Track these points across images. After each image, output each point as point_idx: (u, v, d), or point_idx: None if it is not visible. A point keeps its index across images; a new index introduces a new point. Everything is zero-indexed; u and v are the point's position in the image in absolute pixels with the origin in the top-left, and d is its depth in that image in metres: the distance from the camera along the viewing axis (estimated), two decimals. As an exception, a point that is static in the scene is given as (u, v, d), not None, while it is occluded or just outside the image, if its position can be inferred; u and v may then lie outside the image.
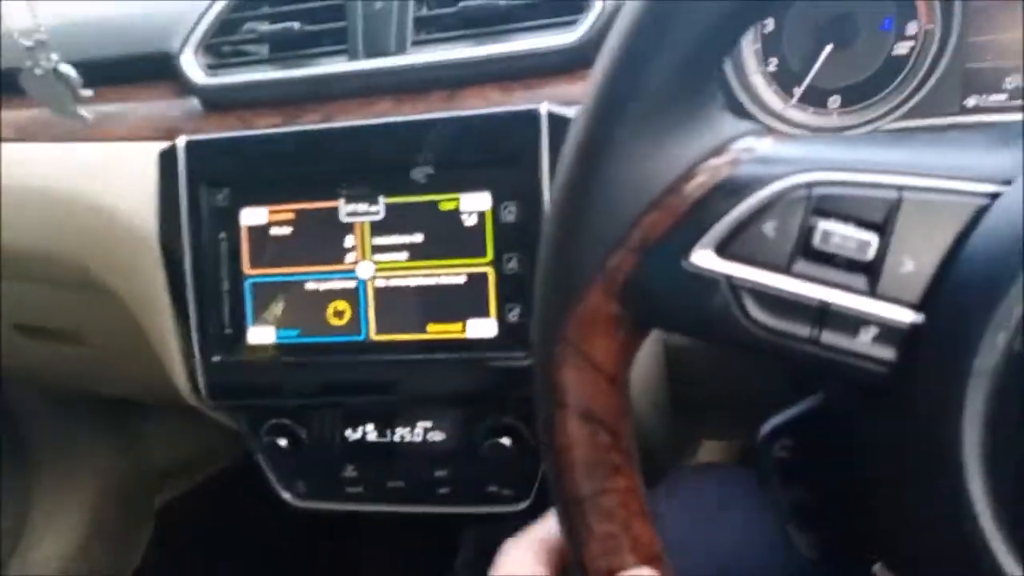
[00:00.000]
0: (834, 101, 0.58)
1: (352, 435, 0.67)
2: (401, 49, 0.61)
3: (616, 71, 0.32)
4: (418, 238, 0.60)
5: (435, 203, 0.59)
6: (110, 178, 0.67)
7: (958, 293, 0.28)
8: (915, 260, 0.29)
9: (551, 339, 0.34)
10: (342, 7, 0.62)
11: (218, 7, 0.65)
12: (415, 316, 0.61)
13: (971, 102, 0.57)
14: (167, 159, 0.63)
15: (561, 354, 0.34)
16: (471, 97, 0.61)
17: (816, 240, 0.30)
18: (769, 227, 0.31)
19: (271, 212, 0.61)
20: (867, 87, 0.57)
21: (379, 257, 0.61)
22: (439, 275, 0.60)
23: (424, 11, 0.62)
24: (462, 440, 0.64)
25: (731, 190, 0.31)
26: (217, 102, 0.65)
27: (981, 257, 0.28)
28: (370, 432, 0.67)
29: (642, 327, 0.35)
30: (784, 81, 0.58)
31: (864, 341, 0.29)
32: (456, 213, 0.59)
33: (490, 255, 0.58)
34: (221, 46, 0.66)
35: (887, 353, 0.29)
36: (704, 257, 0.31)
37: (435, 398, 0.63)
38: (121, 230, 0.66)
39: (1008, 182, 0.29)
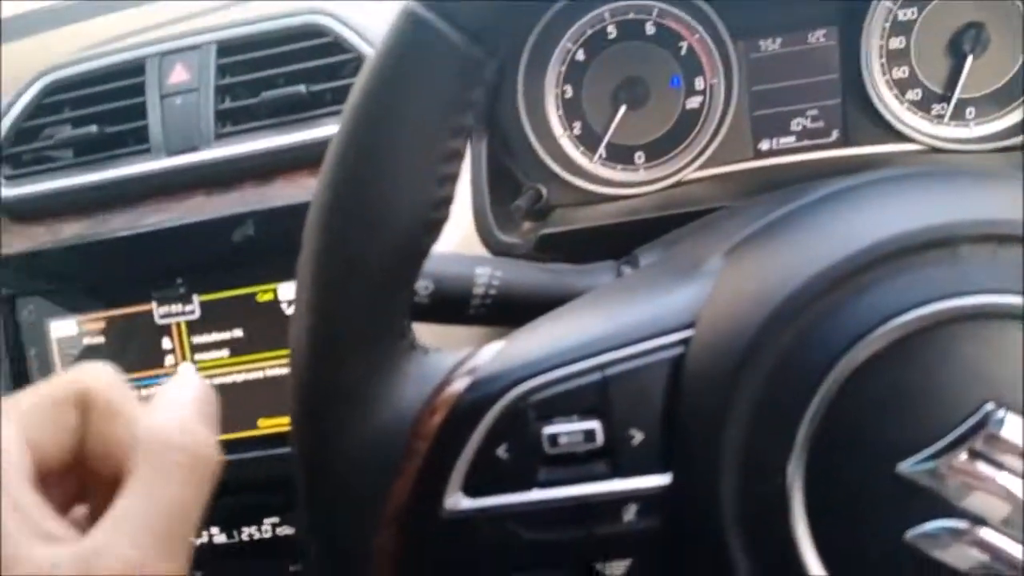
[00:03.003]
0: (639, 157, 0.60)
1: (196, 540, 0.64)
2: (205, 144, 0.60)
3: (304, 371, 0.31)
4: (238, 333, 0.58)
5: (252, 295, 0.58)
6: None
7: (689, 446, 0.28)
8: (641, 430, 0.29)
9: None
10: (143, 106, 0.61)
11: (13, 114, 0.63)
12: (244, 412, 0.59)
13: (764, 146, 0.59)
14: (-30, 276, 0.60)
15: None
16: (283, 185, 0.60)
17: (546, 447, 0.29)
18: (502, 450, 0.30)
19: (80, 323, 0.59)
20: (666, 141, 0.59)
21: (200, 356, 0.59)
22: (264, 368, 0.58)
23: (227, 103, 0.61)
24: (312, 533, 0.62)
25: (455, 435, 0.30)
26: (21, 213, 0.63)
27: (697, 405, 0.28)
28: (216, 535, 0.64)
29: None
30: (589, 142, 0.60)
31: (631, 520, 0.29)
32: (275, 303, 0.58)
33: (313, 343, 0.57)
34: (21, 155, 0.64)
35: (654, 522, 0.29)
36: (456, 502, 0.30)
37: (276, 494, 0.61)
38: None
39: (692, 324, 0.29)
